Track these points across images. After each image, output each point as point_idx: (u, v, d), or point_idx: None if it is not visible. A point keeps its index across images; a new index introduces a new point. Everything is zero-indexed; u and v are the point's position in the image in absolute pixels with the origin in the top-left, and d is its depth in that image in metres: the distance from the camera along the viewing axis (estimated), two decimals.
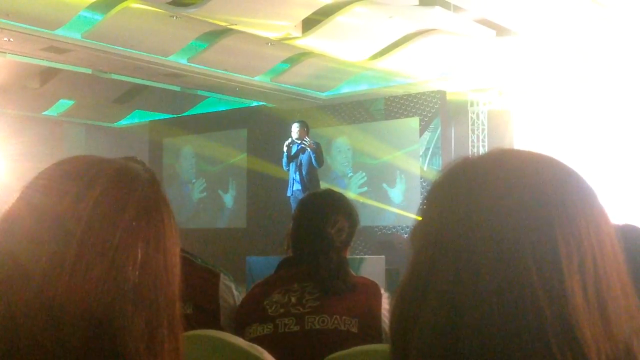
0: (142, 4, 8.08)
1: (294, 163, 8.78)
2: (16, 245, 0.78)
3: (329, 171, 11.95)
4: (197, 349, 1.50)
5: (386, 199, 11.61)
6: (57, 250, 0.76)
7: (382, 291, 2.18)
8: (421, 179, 11.31)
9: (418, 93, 11.46)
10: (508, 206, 0.70)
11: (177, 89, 11.93)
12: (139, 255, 0.80)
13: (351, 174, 12.05)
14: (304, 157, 8.72)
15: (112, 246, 0.78)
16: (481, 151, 11.06)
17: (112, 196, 0.81)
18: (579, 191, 0.73)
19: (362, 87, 11.55)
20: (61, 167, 0.86)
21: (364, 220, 2.25)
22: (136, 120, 14.53)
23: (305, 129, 8.83)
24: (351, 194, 11.41)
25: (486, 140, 11.12)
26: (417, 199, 11.29)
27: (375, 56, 9.71)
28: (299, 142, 8.70)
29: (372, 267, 7.43)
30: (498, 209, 0.70)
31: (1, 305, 0.76)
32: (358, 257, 7.75)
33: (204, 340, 1.53)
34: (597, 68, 9.51)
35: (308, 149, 8.64)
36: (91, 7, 8.25)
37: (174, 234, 0.86)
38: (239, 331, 2.11)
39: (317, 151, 8.68)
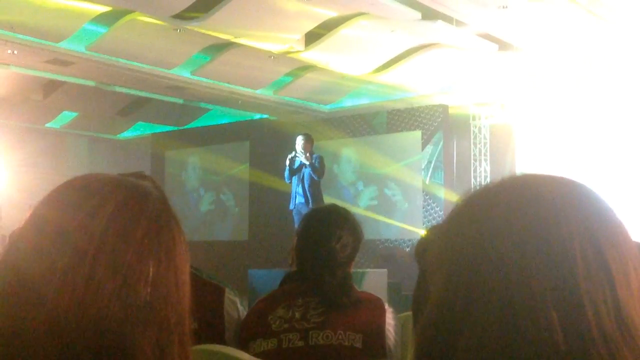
0: (146, 17, 8.13)
1: (296, 176, 8.76)
2: (28, 262, 0.78)
3: (335, 181, 11.97)
4: None
5: (388, 213, 11.61)
6: (69, 267, 0.77)
7: (386, 306, 2.18)
8: (423, 192, 11.31)
9: (420, 107, 11.48)
10: (549, 217, 0.70)
11: (180, 101, 11.96)
12: (151, 273, 0.80)
13: (362, 188, 12.05)
14: (306, 171, 8.69)
15: (125, 263, 0.78)
16: (483, 165, 11.07)
17: (124, 214, 0.82)
18: (597, 210, 0.73)
19: (364, 101, 11.57)
20: (74, 184, 0.86)
21: (366, 234, 2.28)
22: (139, 133, 14.55)
23: (309, 142, 8.80)
24: (359, 209, 11.40)
25: (488, 154, 11.13)
26: (419, 212, 11.29)
27: (378, 70, 9.74)
28: (300, 156, 8.66)
29: (374, 280, 7.42)
30: (541, 221, 0.70)
31: (8, 322, 0.76)
32: (360, 270, 7.73)
33: (210, 356, 1.53)
34: (599, 82, 9.53)
35: (305, 162, 8.59)
36: (95, 20, 8.30)
37: (184, 250, 0.87)
38: (243, 346, 2.10)
39: (313, 165, 8.60)
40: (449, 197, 11.09)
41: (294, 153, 8.73)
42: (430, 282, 0.75)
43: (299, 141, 8.75)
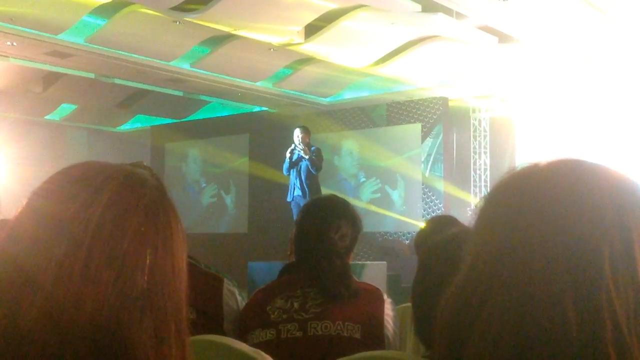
0: (146, 9, 8.10)
1: (294, 169, 8.78)
2: (24, 252, 0.78)
3: (334, 174, 11.97)
4: (201, 354, 1.50)
5: (388, 205, 11.61)
6: (65, 256, 0.76)
7: (385, 297, 2.18)
8: (423, 185, 11.30)
9: (420, 99, 11.47)
10: (585, 213, 0.70)
11: (180, 93, 11.95)
12: (148, 261, 0.80)
13: (362, 180, 12.05)
14: (303, 163, 8.72)
15: (121, 252, 0.78)
16: (483, 158, 11.07)
17: (120, 202, 0.81)
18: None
19: (364, 93, 11.56)
20: (69, 173, 0.85)
21: (366, 226, 2.28)
22: (138, 125, 14.53)
23: (306, 134, 8.83)
24: (359, 201, 11.39)
25: (488, 147, 11.12)
26: (418, 205, 11.29)
27: (378, 62, 9.72)
28: (299, 149, 8.68)
29: (374, 273, 7.42)
30: (575, 215, 0.70)
31: (5, 311, 0.75)
32: (360, 263, 7.74)
33: (208, 346, 1.53)
34: (599, 75, 9.51)
35: (304, 156, 8.63)
36: (94, 12, 8.27)
37: (182, 239, 0.86)
38: (241, 336, 2.11)
39: (312, 159, 8.64)
40: (449, 189, 11.10)
41: (293, 146, 8.75)
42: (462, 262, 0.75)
43: (297, 133, 8.77)
